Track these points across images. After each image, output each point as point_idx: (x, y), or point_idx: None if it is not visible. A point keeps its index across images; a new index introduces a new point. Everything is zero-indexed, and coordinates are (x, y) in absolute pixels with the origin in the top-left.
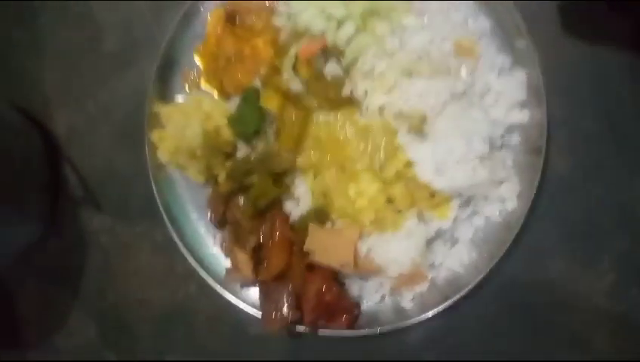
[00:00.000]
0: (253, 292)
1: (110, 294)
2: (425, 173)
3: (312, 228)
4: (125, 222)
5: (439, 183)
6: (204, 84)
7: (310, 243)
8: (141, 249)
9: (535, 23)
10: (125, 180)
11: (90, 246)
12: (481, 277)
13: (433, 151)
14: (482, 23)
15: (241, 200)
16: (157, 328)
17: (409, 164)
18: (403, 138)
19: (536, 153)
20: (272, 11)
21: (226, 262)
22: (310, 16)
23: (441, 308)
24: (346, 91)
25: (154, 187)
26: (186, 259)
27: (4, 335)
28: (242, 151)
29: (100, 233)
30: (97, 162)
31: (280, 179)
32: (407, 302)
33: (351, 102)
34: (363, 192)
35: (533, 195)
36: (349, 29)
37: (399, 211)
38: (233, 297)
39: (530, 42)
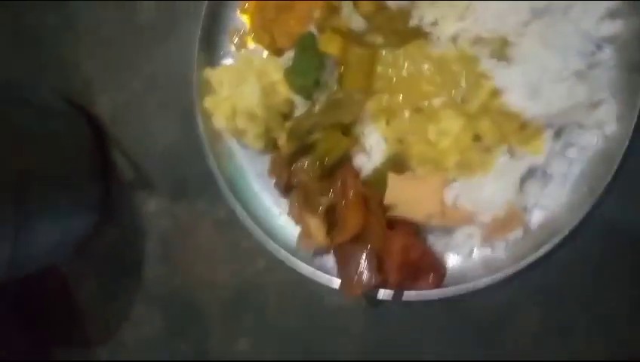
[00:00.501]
0: (327, 261)
1: (175, 279)
2: (516, 99)
3: (392, 177)
4: (183, 201)
5: (534, 109)
6: (252, 43)
7: (390, 196)
8: (203, 228)
9: None
10: (178, 157)
11: (149, 230)
12: (581, 216)
13: (524, 73)
14: None
15: (306, 161)
16: (227, 311)
17: (495, 93)
18: (486, 64)
19: (634, 70)
20: None
21: (295, 233)
22: None
23: (538, 254)
24: (413, 22)
25: (211, 159)
26: (251, 235)
27: (67, 332)
28: (301, 108)
29: (158, 216)
30: (147, 141)
31: (348, 131)
32: (500, 252)
33: (420, 34)
34: (445, 131)
35: (635, 118)
36: None
37: (487, 150)
38: (307, 266)
39: None
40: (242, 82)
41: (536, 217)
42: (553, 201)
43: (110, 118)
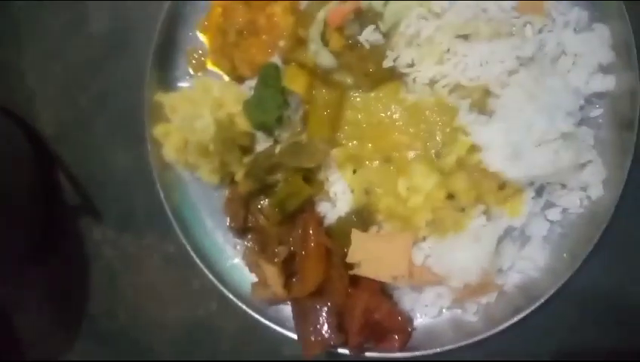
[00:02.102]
0: (286, 309)
1: (121, 314)
2: (495, 159)
3: (356, 235)
4: (131, 232)
5: (514, 172)
6: (211, 65)
7: (354, 254)
8: (151, 262)
9: None
10: (127, 184)
11: (94, 260)
12: (560, 283)
13: (506, 132)
14: None
15: (265, 202)
16: (177, 352)
17: (472, 150)
18: (465, 117)
19: (625, 128)
20: None
21: (250, 276)
22: None
23: (512, 321)
24: (387, 63)
25: (161, 192)
26: (204, 273)
27: None
28: (262, 143)
29: (103, 245)
30: (94, 164)
31: (311, 175)
32: (470, 315)
33: (394, 77)
34: (417, 188)
35: (624, 180)
36: None
37: (462, 209)
38: (261, 318)
39: None
40: (197, 111)
41: (512, 280)
42: (531, 265)
43: (54, 135)
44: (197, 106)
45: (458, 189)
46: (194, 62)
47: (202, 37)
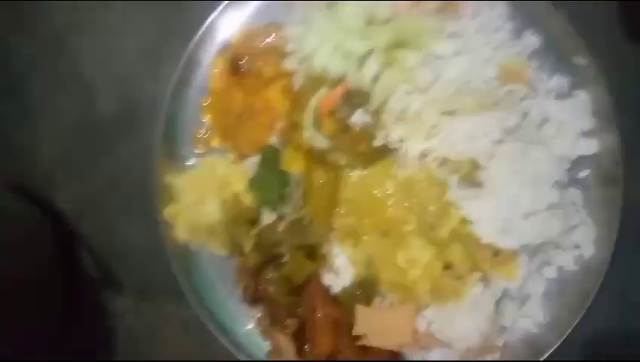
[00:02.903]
0: None
1: None
2: (487, 232)
3: (360, 310)
4: (150, 302)
5: (506, 242)
6: (215, 142)
7: (360, 327)
8: (171, 330)
9: (592, 34)
10: (144, 256)
11: (116, 330)
12: (564, 336)
13: (494, 206)
14: (529, 40)
15: (273, 273)
16: None
17: (464, 221)
18: (455, 193)
19: (612, 184)
20: (280, 53)
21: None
22: (325, 56)
23: None
24: (378, 141)
25: (174, 267)
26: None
27: None
28: (267, 216)
29: (125, 315)
30: (111, 238)
31: (314, 250)
32: None
33: (385, 154)
34: (415, 260)
35: (614, 237)
36: (372, 65)
37: (459, 277)
38: None
39: (590, 58)
40: (202, 198)
41: (516, 336)
42: (531, 321)
43: (72, 214)
44: (203, 187)
45: (454, 259)
46: (199, 140)
47: (206, 117)
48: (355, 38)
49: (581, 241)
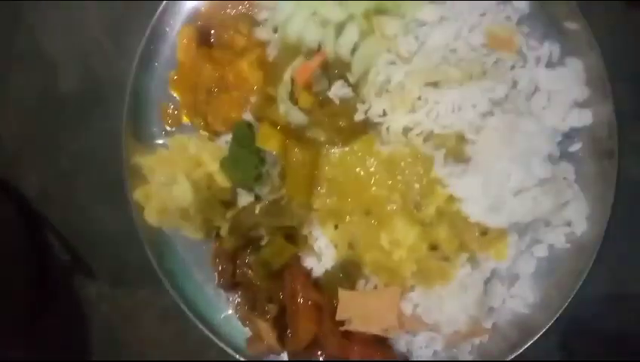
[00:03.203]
0: (284, 357)
1: None
2: (475, 211)
3: (343, 294)
4: (125, 287)
5: (495, 221)
6: (186, 119)
7: (343, 312)
8: (148, 316)
9: None
10: (116, 240)
11: (91, 317)
12: (553, 318)
13: (483, 183)
14: (518, 5)
15: (251, 256)
16: None
17: (451, 199)
18: (441, 170)
19: (606, 157)
20: (252, 21)
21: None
22: (300, 24)
23: (508, 358)
24: (359, 116)
25: (148, 251)
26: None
27: None
28: (244, 198)
29: (99, 302)
30: (80, 223)
31: (294, 232)
32: (465, 354)
33: (367, 129)
34: (399, 241)
35: (608, 214)
36: (351, 33)
37: (446, 258)
38: None
39: (583, 22)
40: (173, 179)
41: (505, 317)
42: (521, 302)
43: (38, 197)
44: (174, 168)
45: (440, 240)
46: (168, 117)
47: (175, 93)
48: (332, 4)
49: (573, 218)
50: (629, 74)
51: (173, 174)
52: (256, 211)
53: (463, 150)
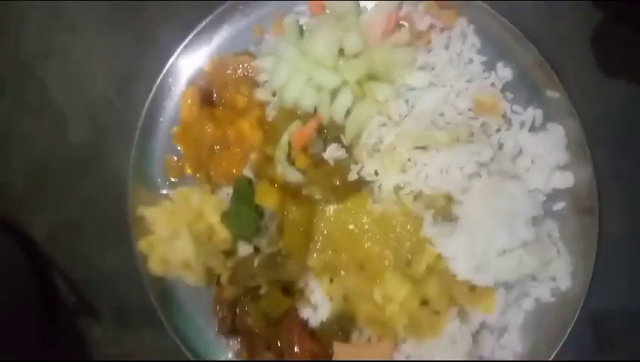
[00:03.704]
0: None
1: None
2: (462, 270)
3: (338, 347)
4: (128, 329)
5: (481, 279)
6: (189, 171)
7: None
8: (150, 358)
9: (565, 65)
10: (120, 283)
11: (94, 358)
12: None
13: (469, 244)
14: (502, 73)
15: (250, 305)
16: None
17: (441, 256)
18: (429, 230)
19: (587, 214)
20: (253, 83)
21: None
22: (297, 89)
23: None
24: (352, 176)
25: (151, 298)
26: None
27: None
28: (243, 248)
29: (104, 344)
30: (86, 266)
31: (291, 284)
32: None
33: (360, 188)
34: (391, 297)
35: (591, 268)
36: (345, 98)
37: (436, 312)
38: None
39: (562, 91)
40: (178, 224)
41: None
42: (509, 353)
43: (46, 240)
44: (177, 220)
45: (431, 295)
46: (172, 168)
47: (178, 146)
48: (327, 71)
49: (557, 274)
50: (607, 138)
51: (176, 227)
52: (255, 264)
53: (451, 210)
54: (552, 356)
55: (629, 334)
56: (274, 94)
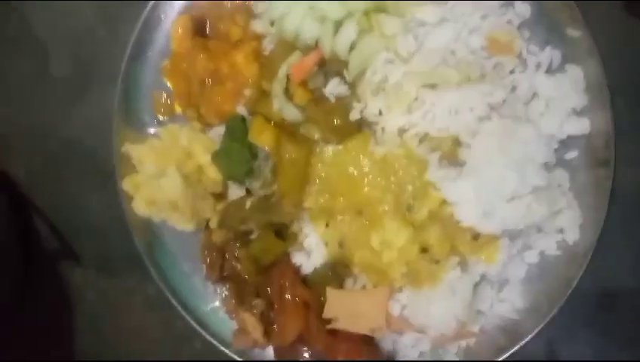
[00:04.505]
0: (269, 351)
1: (107, 357)
2: (468, 216)
3: (331, 292)
4: (111, 275)
5: (487, 226)
6: (179, 109)
7: (330, 310)
8: (133, 305)
9: (590, 3)
10: (103, 227)
11: (76, 304)
12: (541, 324)
13: (476, 188)
14: (520, 9)
15: (240, 250)
16: None
17: (444, 203)
18: (435, 174)
19: (602, 166)
20: (249, 13)
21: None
22: (298, 20)
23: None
24: (354, 115)
25: (137, 240)
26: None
27: None
28: (235, 191)
29: (84, 289)
30: (68, 208)
31: (284, 228)
32: (452, 355)
33: (362, 128)
34: (390, 242)
35: (601, 223)
36: (349, 31)
37: (437, 261)
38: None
39: (585, 29)
40: (163, 171)
41: (493, 320)
42: (509, 307)
43: (26, 181)
44: (165, 159)
45: (431, 242)
46: (161, 106)
47: (167, 81)
48: (331, 1)
49: (566, 226)
50: (629, 83)
51: (164, 166)
52: (247, 206)
53: (458, 154)
54: (553, 312)
55: (632, 295)
56: (272, 25)
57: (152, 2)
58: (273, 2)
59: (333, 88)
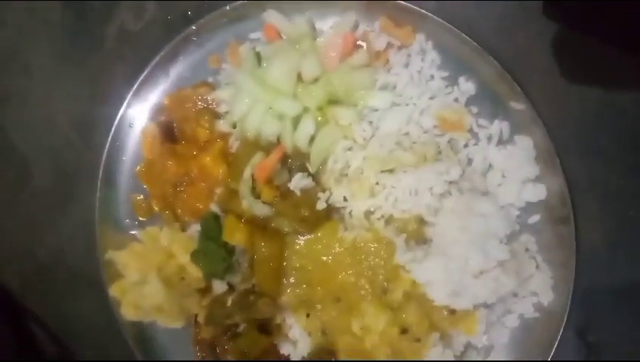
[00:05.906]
0: None
1: None
2: (439, 295)
3: None
4: None
5: (459, 304)
6: (156, 208)
7: None
8: None
9: (527, 75)
10: (98, 330)
11: None
12: None
13: (444, 268)
14: (465, 87)
15: (229, 344)
16: None
17: (417, 283)
18: (402, 257)
19: (563, 224)
20: (214, 114)
21: None
22: (258, 119)
23: None
24: (320, 204)
25: (130, 343)
26: None
27: None
28: (218, 286)
29: None
30: (62, 313)
31: (268, 321)
32: None
33: (331, 215)
34: (370, 327)
35: (572, 280)
36: (307, 125)
37: (418, 339)
38: None
39: (526, 101)
40: (147, 268)
41: None
42: None
43: (20, 287)
44: (147, 263)
45: (410, 322)
46: (140, 208)
47: (144, 184)
48: (286, 99)
49: (538, 289)
50: (575, 145)
51: (145, 271)
52: (228, 303)
53: (423, 232)
54: None
55: (616, 344)
56: (235, 126)
57: (120, 112)
58: (234, 105)
59: (298, 182)
